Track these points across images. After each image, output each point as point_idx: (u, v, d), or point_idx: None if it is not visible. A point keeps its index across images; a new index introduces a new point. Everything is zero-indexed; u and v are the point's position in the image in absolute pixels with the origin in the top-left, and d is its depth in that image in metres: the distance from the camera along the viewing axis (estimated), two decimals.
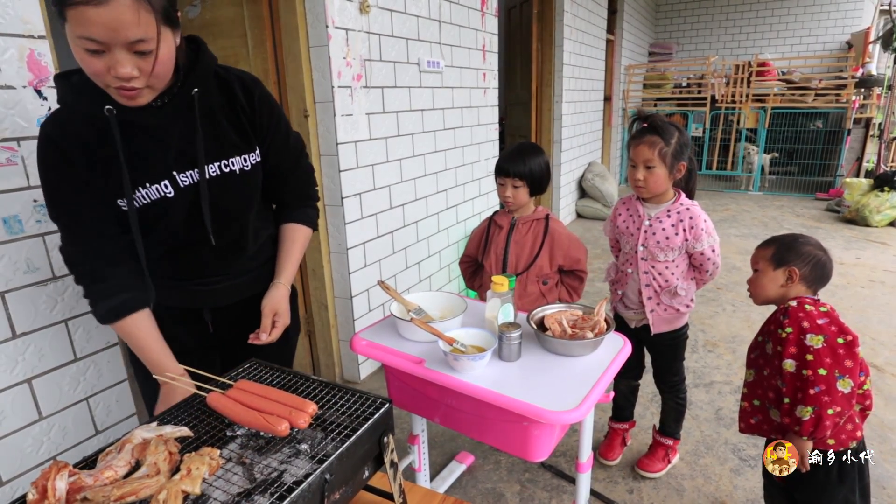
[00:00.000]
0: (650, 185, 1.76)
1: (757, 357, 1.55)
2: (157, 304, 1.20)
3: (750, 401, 1.56)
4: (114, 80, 0.94)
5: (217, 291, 1.27)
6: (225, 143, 1.15)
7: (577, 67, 5.62)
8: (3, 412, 1.41)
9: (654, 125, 1.73)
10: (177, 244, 1.18)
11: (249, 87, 1.19)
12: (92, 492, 0.73)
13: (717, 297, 3.88)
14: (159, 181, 1.09)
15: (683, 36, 9.76)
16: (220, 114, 1.14)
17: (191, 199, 1.13)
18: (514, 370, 1.32)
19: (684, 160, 1.75)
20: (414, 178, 3.00)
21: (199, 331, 1.31)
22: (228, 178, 1.15)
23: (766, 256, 1.53)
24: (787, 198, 7.30)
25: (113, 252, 1.12)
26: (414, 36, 2.85)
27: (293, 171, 1.32)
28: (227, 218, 1.19)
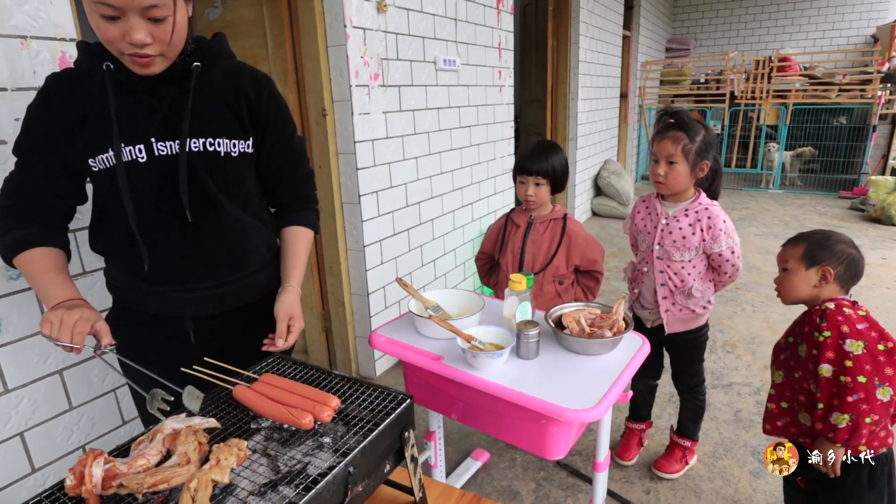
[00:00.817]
0: (670, 182, 1.74)
1: (787, 359, 1.51)
2: (137, 311, 1.20)
3: (777, 403, 1.52)
4: (128, 46, 0.95)
5: (201, 299, 1.19)
6: (215, 123, 1.12)
7: (592, 64, 5.59)
8: (36, 402, 1.46)
9: (679, 121, 1.71)
10: (151, 221, 1.11)
11: (259, 83, 1.18)
12: (127, 479, 0.76)
13: (737, 297, 3.84)
14: (134, 144, 1.06)
15: (702, 31, 9.63)
16: (219, 95, 1.13)
17: (166, 171, 1.08)
18: (532, 368, 1.33)
19: (708, 159, 1.73)
20: (430, 176, 3.02)
21: (180, 343, 1.23)
22: (211, 157, 1.11)
23: (796, 255, 1.47)
24: (808, 196, 7.18)
25: (45, 203, 1.10)
26: (430, 34, 2.87)
27: (294, 172, 1.30)
28: (204, 198, 1.12)
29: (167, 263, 1.14)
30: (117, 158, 1.04)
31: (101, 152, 1.05)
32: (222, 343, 1.22)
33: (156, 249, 1.12)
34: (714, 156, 1.78)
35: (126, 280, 1.18)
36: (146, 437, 0.86)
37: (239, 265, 1.21)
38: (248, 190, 1.21)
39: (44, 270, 1.06)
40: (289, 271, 1.28)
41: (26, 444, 1.47)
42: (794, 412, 1.48)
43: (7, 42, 1.32)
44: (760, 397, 2.62)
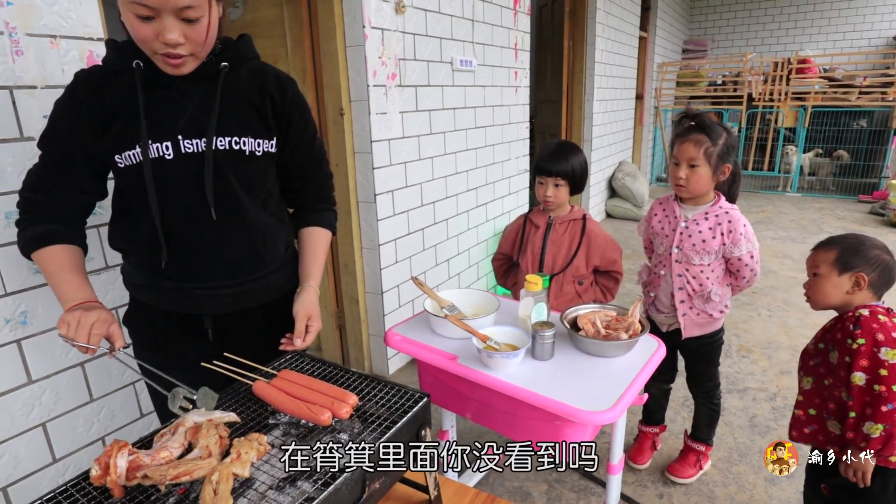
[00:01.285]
0: (691, 185, 1.73)
1: (817, 365, 1.48)
2: (155, 308, 1.20)
3: (805, 409, 1.50)
4: (161, 45, 0.97)
5: (221, 297, 1.19)
6: (241, 122, 1.14)
7: (608, 65, 5.56)
8: (58, 393, 1.49)
9: (701, 123, 1.69)
10: (174, 218, 1.12)
11: (284, 84, 1.20)
12: (150, 470, 0.77)
13: (752, 302, 3.80)
14: (161, 141, 1.08)
15: (719, 32, 9.54)
16: (245, 95, 1.14)
17: (192, 169, 1.10)
18: (546, 369, 1.33)
19: (730, 162, 1.71)
20: (445, 176, 3.03)
21: (199, 340, 1.24)
22: (236, 156, 1.13)
23: (828, 260, 1.44)
24: (827, 200, 7.08)
25: (66, 198, 1.12)
26: (447, 35, 2.87)
27: (315, 173, 1.32)
28: (228, 196, 1.14)
29: (189, 261, 1.15)
30: (144, 155, 1.06)
31: (129, 149, 1.07)
32: (240, 341, 1.23)
33: (178, 246, 1.13)
34: (735, 159, 1.76)
35: (146, 277, 1.19)
36: (168, 430, 0.87)
37: (259, 264, 1.22)
38: (268, 189, 1.23)
39: (61, 269, 1.08)
40: (308, 271, 1.29)
41: (48, 435, 1.50)
42: (823, 420, 1.46)
43: (37, 41, 1.35)
44: (776, 403, 2.60)
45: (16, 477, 1.45)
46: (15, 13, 1.30)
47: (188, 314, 1.21)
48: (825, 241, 1.48)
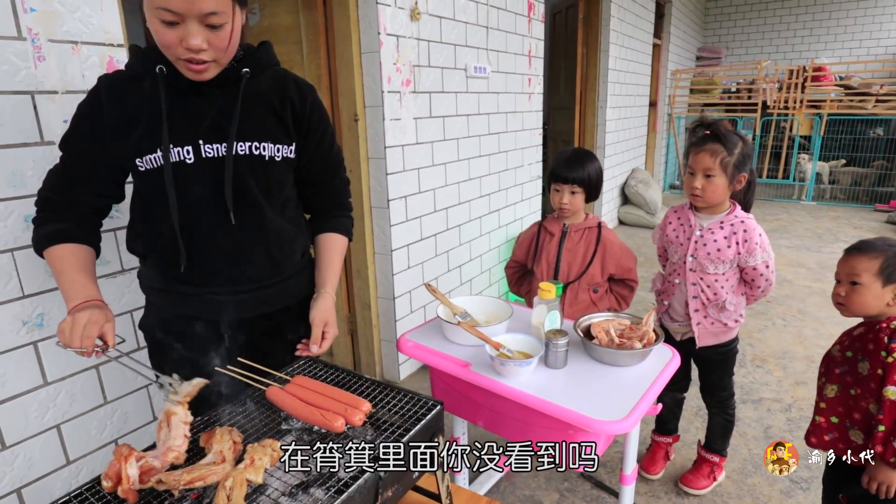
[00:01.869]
0: (707, 195, 1.71)
1: (844, 374, 1.44)
2: (172, 313, 1.21)
3: (828, 417, 1.46)
4: (184, 51, 0.98)
5: (238, 302, 1.20)
6: (261, 128, 1.15)
7: (622, 72, 5.54)
8: (73, 395, 1.51)
9: (717, 133, 1.68)
10: (194, 222, 1.13)
11: (304, 90, 1.21)
12: (164, 476, 0.77)
13: (767, 311, 3.75)
14: (182, 146, 1.09)
15: (733, 40, 9.48)
16: (266, 101, 1.15)
17: (212, 173, 1.11)
18: (560, 377, 1.32)
19: (745, 171, 1.70)
20: (458, 182, 3.03)
21: (216, 344, 1.22)
22: (256, 161, 1.14)
23: (871, 269, 1.36)
24: (842, 208, 6.99)
25: (83, 199, 1.13)
26: (462, 42, 2.88)
27: (332, 179, 1.32)
28: (247, 201, 1.14)
29: (208, 265, 1.16)
30: (165, 159, 1.07)
31: (150, 152, 1.08)
32: (256, 346, 1.23)
33: (197, 251, 1.14)
34: (750, 168, 1.74)
35: (164, 281, 1.19)
36: (162, 424, 0.87)
37: (276, 269, 1.23)
38: (287, 195, 1.23)
39: (68, 269, 1.08)
40: (324, 278, 1.29)
41: (62, 437, 1.51)
42: (846, 428, 1.43)
43: (59, 47, 1.37)
44: (792, 414, 2.56)
45: (30, 478, 1.46)
46: (38, 19, 1.32)
47: (206, 319, 1.21)
48: (865, 247, 1.39)
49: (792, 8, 8.90)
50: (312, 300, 1.28)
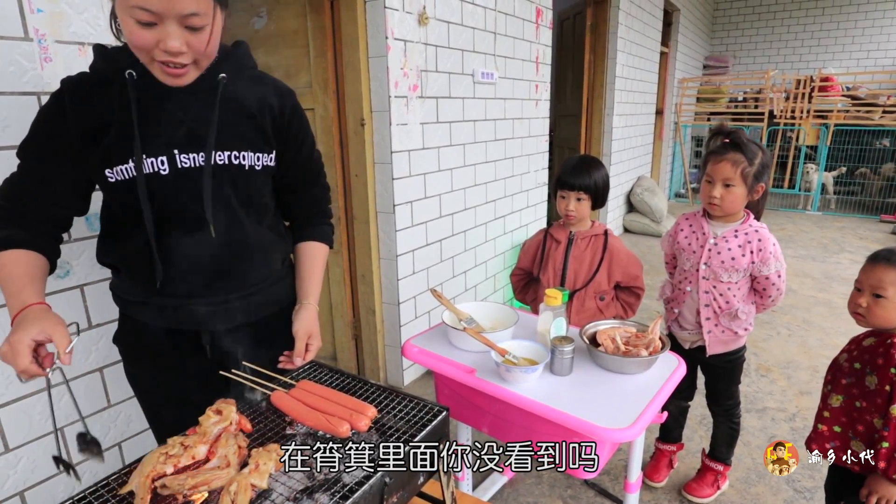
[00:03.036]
0: (726, 205, 1.70)
1: (850, 385, 1.42)
2: (155, 325, 1.15)
3: (830, 426, 1.45)
4: (161, 53, 0.92)
5: (219, 312, 1.15)
6: (240, 136, 1.09)
7: (629, 80, 5.55)
8: (78, 397, 1.50)
9: (736, 141, 1.67)
10: (170, 235, 1.07)
11: (283, 94, 1.16)
12: (169, 480, 0.77)
13: (772, 321, 3.73)
14: (156, 156, 1.02)
15: (741, 49, 9.48)
16: (244, 107, 1.10)
17: (189, 185, 1.04)
18: (565, 384, 1.32)
19: (764, 181, 1.69)
20: (464, 188, 3.03)
21: (197, 356, 1.19)
22: (235, 171, 1.08)
23: None
24: (848, 219, 6.96)
25: (41, 209, 1.04)
26: (469, 47, 2.89)
27: (312, 186, 1.29)
28: (226, 212, 1.09)
29: (185, 278, 1.10)
30: (138, 171, 1.00)
31: (121, 163, 1.00)
32: (239, 356, 1.17)
33: (174, 264, 1.08)
34: (767, 178, 1.74)
35: (140, 294, 1.14)
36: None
37: (257, 279, 1.19)
38: (265, 203, 1.19)
39: (13, 276, 0.98)
40: (306, 288, 1.25)
41: (65, 440, 1.51)
42: (848, 439, 1.41)
43: (66, 48, 1.37)
44: (796, 423, 2.54)
45: (33, 481, 1.46)
46: (45, 20, 1.32)
47: (186, 330, 1.16)
48: (889, 258, 1.34)
49: (800, 18, 8.90)
50: (295, 311, 1.24)
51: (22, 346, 0.86)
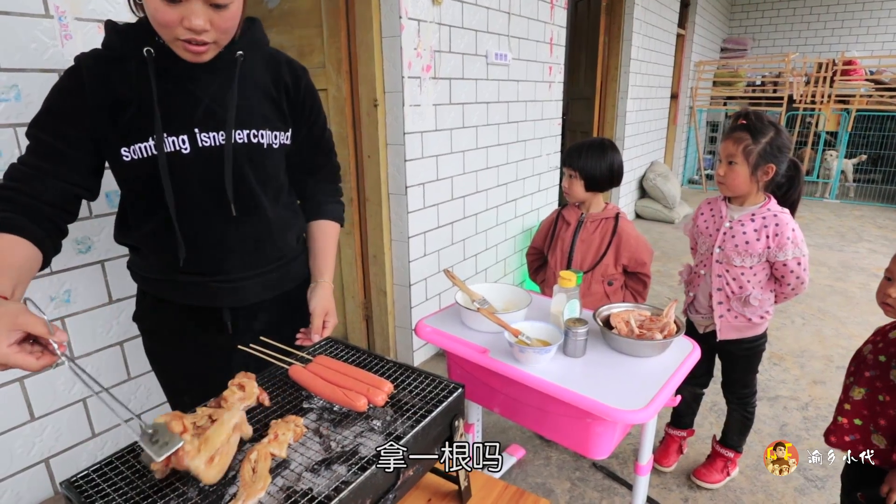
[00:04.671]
0: (728, 182, 1.70)
1: (874, 378, 1.40)
2: (176, 303, 1.16)
3: (851, 419, 1.44)
4: (184, 31, 0.91)
5: (239, 289, 1.17)
6: (258, 115, 1.09)
7: (644, 63, 5.46)
8: (98, 370, 1.54)
9: (748, 122, 1.66)
10: (191, 214, 1.07)
11: (297, 72, 1.16)
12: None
13: (786, 309, 3.70)
14: (177, 135, 1.02)
15: (760, 31, 9.27)
16: (261, 86, 1.10)
17: (210, 164, 1.05)
18: (578, 366, 1.32)
19: (774, 163, 1.66)
20: (476, 171, 3.02)
21: (218, 332, 1.21)
22: (254, 149, 1.09)
23: None
24: (867, 207, 6.85)
25: (50, 188, 0.98)
26: (483, 28, 2.86)
27: (325, 164, 1.30)
28: (246, 191, 1.10)
29: (206, 256, 1.11)
30: (159, 149, 1.00)
31: (140, 141, 1.00)
32: (258, 332, 1.17)
33: (196, 242, 1.09)
34: (792, 162, 1.71)
35: (160, 272, 1.15)
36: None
37: (276, 256, 1.21)
38: (281, 182, 1.20)
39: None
40: (322, 267, 1.27)
41: (88, 410, 1.55)
42: (868, 432, 1.40)
43: (85, 25, 1.38)
44: (808, 413, 2.53)
45: (57, 449, 1.50)
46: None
47: (207, 307, 1.18)
48: None
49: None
50: (310, 289, 1.25)
51: (10, 357, 0.75)
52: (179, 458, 0.73)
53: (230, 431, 0.78)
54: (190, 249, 1.08)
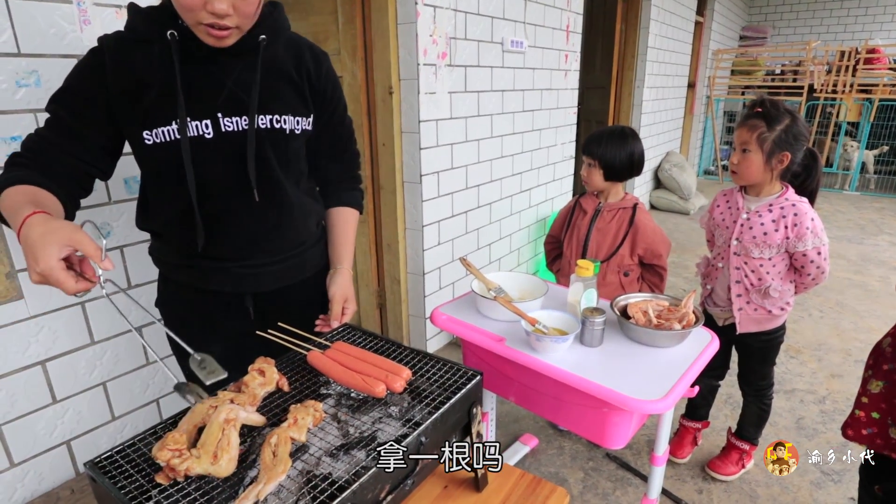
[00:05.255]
0: (742, 171, 1.68)
1: (892, 371, 1.38)
2: (199, 288, 1.16)
3: (868, 412, 1.42)
4: (208, 15, 0.91)
5: (262, 275, 1.17)
6: (281, 100, 1.09)
7: (661, 51, 5.38)
8: (118, 355, 1.56)
9: (764, 109, 1.63)
10: (214, 199, 1.08)
11: (319, 58, 1.16)
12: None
13: (804, 302, 3.65)
14: (200, 119, 1.01)
15: (781, 19, 9.08)
16: (283, 71, 1.10)
17: (233, 149, 1.05)
18: (595, 356, 1.31)
19: (789, 151, 1.63)
20: (490, 160, 3.00)
21: (240, 318, 1.22)
22: (277, 135, 1.09)
23: None
24: (888, 199, 6.72)
25: (66, 163, 0.98)
26: (499, 14, 2.82)
27: (344, 151, 1.29)
28: (268, 176, 1.10)
29: (228, 241, 1.12)
30: (182, 134, 0.99)
31: (163, 125, 1.00)
32: (279, 317, 1.17)
33: (218, 227, 1.09)
34: (809, 150, 1.68)
35: (182, 258, 1.15)
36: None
37: (297, 242, 1.21)
38: (301, 168, 1.20)
39: (17, 202, 0.86)
40: (341, 253, 1.28)
41: (108, 394, 1.57)
42: (886, 426, 1.38)
43: (103, 11, 1.38)
44: (825, 406, 2.50)
45: (79, 431, 1.53)
46: None
47: (230, 292, 1.18)
48: None
49: None
50: (329, 276, 1.26)
51: (55, 271, 0.76)
52: (188, 470, 0.73)
53: (222, 425, 0.78)
54: (211, 235, 1.08)
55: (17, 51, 1.28)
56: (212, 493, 0.74)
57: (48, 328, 1.42)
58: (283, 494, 0.73)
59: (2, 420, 1.39)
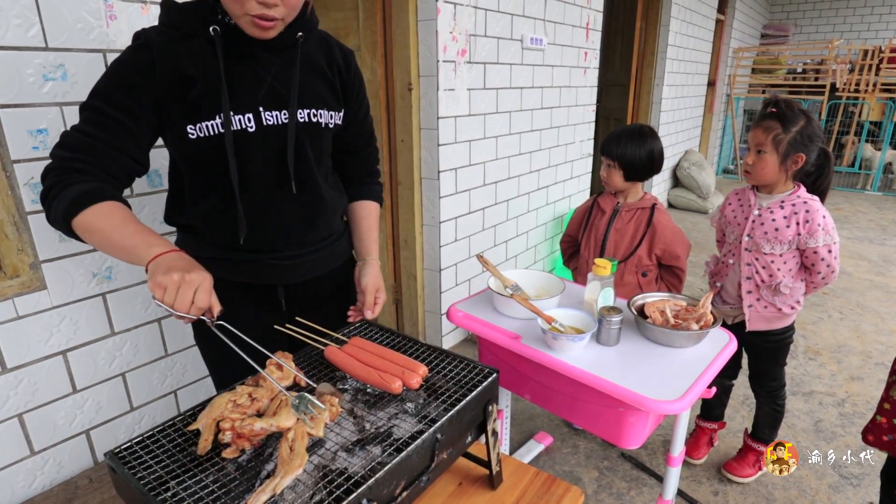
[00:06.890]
0: (757, 172, 1.67)
1: None
2: (231, 281, 1.16)
3: (890, 419, 1.41)
4: (256, 6, 0.93)
5: (294, 267, 1.19)
6: (317, 95, 1.12)
7: (681, 49, 5.31)
8: (137, 346, 1.58)
9: (779, 110, 1.62)
10: (254, 192, 1.09)
11: (347, 55, 1.20)
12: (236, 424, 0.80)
13: (823, 303, 3.59)
14: (244, 113, 1.03)
15: (803, 17, 8.91)
16: (318, 66, 1.13)
17: (273, 142, 1.07)
18: (611, 355, 1.30)
19: (804, 152, 1.62)
20: (508, 157, 2.98)
21: (272, 310, 1.23)
22: (313, 129, 1.11)
23: None
24: None
25: (115, 162, 0.97)
26: (519, 11, 2.81)
27: (367, 146, 1.32)
28: (305, 170, 1.12)
29: (266, 233, 1.13)
30: (226, 127, 1.01)
31: (207, 119, 1.01)
32: (309, 308, 1.22)
33: (255, 220, 1.10)
34: (822, 150, 1.66)
35: (216, 251, 1.15)
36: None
37: (327, 233, 1.24)
38: (328, 162, 1.23)
39: (124, 222, 0.91)
40: (368, 245, 1.31)
41: (127, 384, 1.60)
42: None
43: (129, 6, 1.40)
44: (845, 409, 2.46)
45: (98, 421, 1.56)
46: None
47: (262, 284, 1.20)
48: None
49: None
50: (358, 267, 1.29)
51: (198, 310, 0.87)
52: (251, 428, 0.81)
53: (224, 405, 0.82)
54: (249, 227, 1.10)
55: (45, 45, 1.30)
56: (229, 486, 0.75)
57: (70, 318, 1.45)
58: (299, 488, 0.73)
59: (23, 409, 1.42)
